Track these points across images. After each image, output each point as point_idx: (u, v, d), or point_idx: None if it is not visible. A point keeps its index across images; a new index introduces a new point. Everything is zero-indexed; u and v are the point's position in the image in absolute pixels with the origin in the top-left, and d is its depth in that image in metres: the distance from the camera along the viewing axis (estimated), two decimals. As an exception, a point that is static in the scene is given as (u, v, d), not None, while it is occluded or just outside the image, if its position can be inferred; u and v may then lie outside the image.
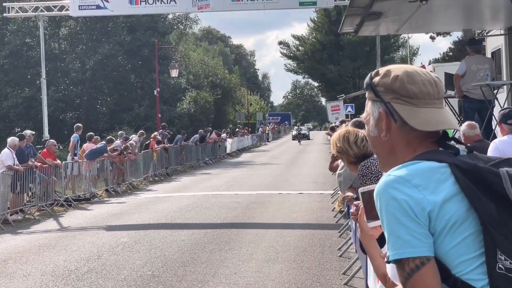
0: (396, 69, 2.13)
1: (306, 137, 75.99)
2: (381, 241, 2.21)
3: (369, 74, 2.21)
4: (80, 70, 51.18)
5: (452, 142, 2.09)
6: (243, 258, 10.62)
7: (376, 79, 2.16)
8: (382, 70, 2.17)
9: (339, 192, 16.37)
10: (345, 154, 5.00)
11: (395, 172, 1.96)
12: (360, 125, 6.18)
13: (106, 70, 51.64)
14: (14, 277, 9.78)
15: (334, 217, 14.54)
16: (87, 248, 12.04)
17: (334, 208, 15.19)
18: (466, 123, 8.98)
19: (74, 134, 21.98)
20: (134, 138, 27.24)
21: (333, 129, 22.68)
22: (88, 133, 23.71)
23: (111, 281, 9.27)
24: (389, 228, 1.91)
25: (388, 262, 1.93)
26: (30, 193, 17.99)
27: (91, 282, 9.28)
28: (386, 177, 1.97)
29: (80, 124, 22.83)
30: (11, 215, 16.34)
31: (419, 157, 2.00)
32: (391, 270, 2.08)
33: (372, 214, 2.33)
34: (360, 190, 2.37)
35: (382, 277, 2.21)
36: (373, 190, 2.32)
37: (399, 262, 1.90)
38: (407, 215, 1.89)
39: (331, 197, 17.47)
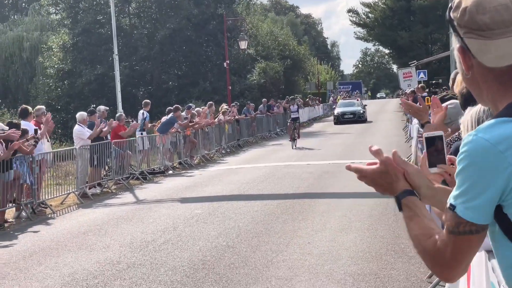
0: None
1: (360, 117, 45.82)
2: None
3: (449, 6, 2.04)
4: (148, 46, 51.75)
5: None
6: (316, 228, 10.63)
7: (452, 12, 1.99)
8: (455, 1, 1.98)
9: (412, 160, 16.18)
10: None
11: (482, 133, 1.85)
12: None
13: (174, 45, 52.04)
14: (94, 249, 10.07)
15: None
16: (162, 220, 12.28)
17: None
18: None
19: (142, 110, 22.17)
20: (204, 109, 27.45)
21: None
22: (168, 108, 23.87)
23: (187, 252, 9.44)
24: (463, 186, 1.86)
25: (449, 208, 1.89)
26: (107, 167, 18.43)
27: (168, 253, 9.47)
28: (472, 136, 1.87)
29: (148, 101, 23.01)
30: (89, 188, 16.81)
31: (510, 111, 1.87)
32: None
33: (434, 161, 2.29)
34: (425, 135, 2.33)
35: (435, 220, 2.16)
36: (438, 136, 2.27)
37: (457, 217, 1.86)
38: (485, 179, 1.83)
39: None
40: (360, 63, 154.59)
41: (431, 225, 2.00)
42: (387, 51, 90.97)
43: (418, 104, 5.10)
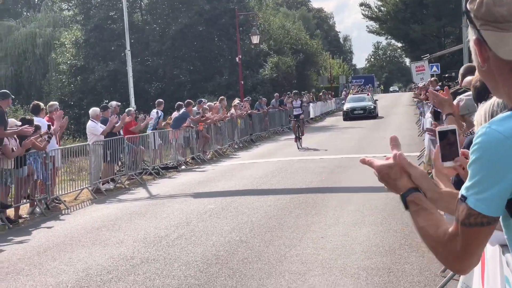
0: None
1: (370, 113, 43.27)
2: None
3: None
4: (159, 41, 51.81)
5: None
6: (329, 222, 10.63)
7: (468, 4, 1.96)
8: None
9: (425, 154, 16.11)
10: None
11: (496, 125, 1.84)
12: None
13: (186, 40, 52.08)
14: (108, 244, 10.11)
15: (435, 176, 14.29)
16: (176, 215, 12.31)
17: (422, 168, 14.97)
18: None
19: (156, 109, 22.00)
20: (217, 104, 27.47)
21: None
22: (177, 103, 23.83)
23: (200, 247, 9.46)
24: (475, 177, 1.85)
25: (461, 199, 1.88)
26: (120, 163, 18.49)
27: (181, 248, 9.49)
28: (486, 128, 1.85)
29: (161, 100, 22.93)
30: (103, 184, 16.86)
31: None
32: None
33: (448, 155, 2.28)
34: (438, 129, 2.32)
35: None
36: (451, 130, 2.26)
37: (469, 208, 1.85)
38: (498, 171, 1.82)
39: (418, 159, 17.21)
40: (373, 57, 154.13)
41: (439, 217, 1.99)
42: (399, 44, 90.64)
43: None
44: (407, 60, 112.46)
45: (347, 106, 45.53)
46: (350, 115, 43.43)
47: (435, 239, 1.94)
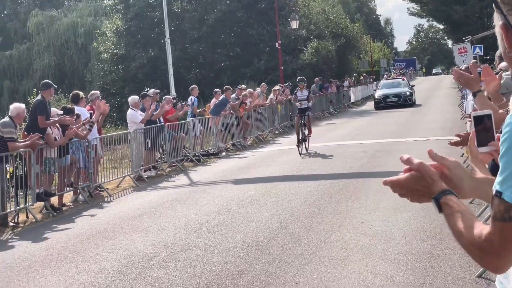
0: None
1: (406, 100, 38.30)
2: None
3: None
4: (198, 28, 51.94)
5: None
6: (370, 208, 10.57)
7: None
8: None
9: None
10: None
11: None
12: None
13: (225, 26, 52.13)
14: (149, 231, 10.22)
15: (464, 162, 14.14)
16: (216, 202, 12.38)
17: (463, 154, 14.77)
18: None
19: (190, 96, 22.10)
20: (257, 90, 27.49)
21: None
22: (215, 90, 23.89)
23: (240, 233, 9.50)
24: (506, 169, 1.79)
25: (496, 195, 1.82)
26: (161, 150, 18.64)
27: (222, 234, 9.54)
28: None
29: (195, 86, 22.96)
30: (144, 171, 17.03)
31: None
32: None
33: (483, 140, 2.24)
34: (473, 114, 2.28)
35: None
36: (486, 115, 2.22)
37: (505, 203, 1.78)
38: None
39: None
40: (414, 39, 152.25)
41: (473, 218, 1.93)
42: (441, 26, 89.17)
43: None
44: (449, 42, 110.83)
45: (379, 93, 40.14)
46: (382, 103, 38.60)
47: (470, 241, 1.87)
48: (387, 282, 6.74)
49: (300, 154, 18.58)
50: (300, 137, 19.06)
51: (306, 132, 19.62)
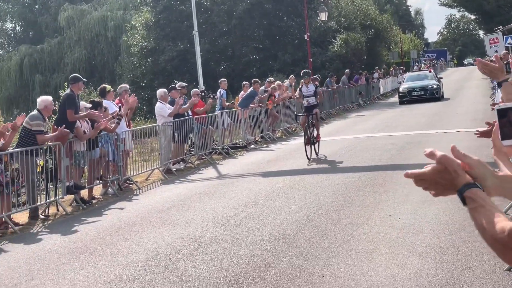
0: None
1: (433, 94, 35.57)
2: None
3: None
4: (227, 21, 51.92)
5: None
6: (398, 200, 10.50)
7: None
8: None
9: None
10: None
11: None
12: None
13: (253, 19, 52.03)
14: (177, 224, 10.27)
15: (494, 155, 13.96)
16: (244, 195, 12.39)
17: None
18: None
19: (219, 89, 22.12)
20: (286, 82, 27.43)
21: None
22: (243, 82, 23.89)
23: (268, 226, 9.50)
24: None
25: None
26: (190, 143, 18.70)
27: (249, 227, 9.55)
28: None
29: (223, 79, 23.01)
30: (173, 164, 17.11)
31: None
32: None
33: (507, 133, 2.21)
34: (496, 107, 2.25)
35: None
36: (510, 108, 2.19)
37: None
38: None
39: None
40: (445, 30, 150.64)
41: (498, 213, 1.91)
42: (473, 16, 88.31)
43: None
44: (480, 33, 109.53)
45: (403, 86, 37.26)
46: (407, 97, 35.75)
47: (493, 236, 1.86)
48: (415, 275, 6.69)
49: (309, 159, 16.15)
50: (307, 136, 16.57)
51: (315, 133, 17.20)
